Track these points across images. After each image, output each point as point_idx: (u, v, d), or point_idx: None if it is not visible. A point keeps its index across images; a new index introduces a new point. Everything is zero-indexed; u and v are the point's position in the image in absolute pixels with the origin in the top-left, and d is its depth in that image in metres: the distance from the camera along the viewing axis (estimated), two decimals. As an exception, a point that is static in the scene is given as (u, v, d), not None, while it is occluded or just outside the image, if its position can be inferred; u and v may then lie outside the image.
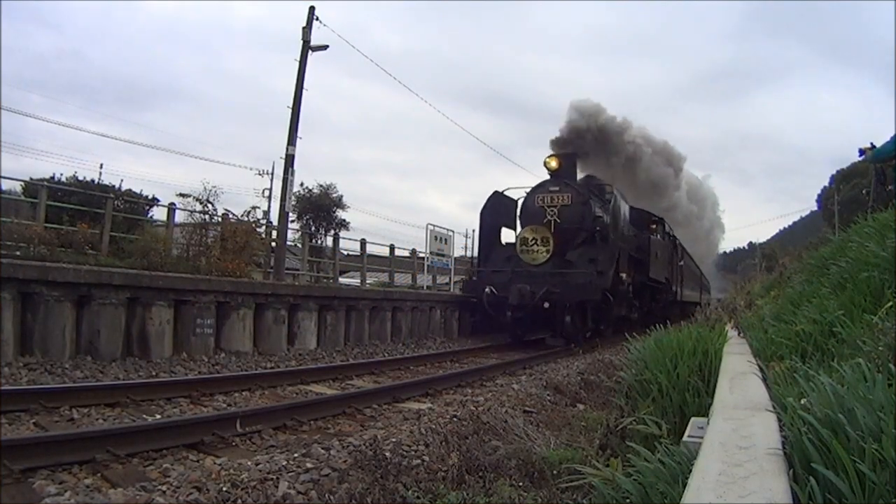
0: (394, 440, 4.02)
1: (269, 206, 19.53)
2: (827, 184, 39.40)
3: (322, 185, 19.42)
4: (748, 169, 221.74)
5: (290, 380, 6.68)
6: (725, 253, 56.76)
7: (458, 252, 17.28)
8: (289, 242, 14.30)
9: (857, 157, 7.48)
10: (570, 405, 5.74)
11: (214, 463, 3.59)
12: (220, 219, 11.30)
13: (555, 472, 3.08)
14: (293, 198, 13.77)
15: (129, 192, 14.20)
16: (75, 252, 8.83)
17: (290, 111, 11.98)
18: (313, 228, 19.08)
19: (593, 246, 11.98)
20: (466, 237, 15.51)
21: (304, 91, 12.07)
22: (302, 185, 18.71)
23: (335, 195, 19.49)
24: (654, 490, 1.77)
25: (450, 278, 15.27)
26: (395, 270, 17.06)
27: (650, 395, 3.49)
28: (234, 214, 11.78)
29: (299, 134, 11.98)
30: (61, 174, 14.47)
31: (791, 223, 66.95)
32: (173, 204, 12.02)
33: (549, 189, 12.61)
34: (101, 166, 37.64)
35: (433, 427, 4.41)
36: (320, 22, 12.07)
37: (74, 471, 3.37)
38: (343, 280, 17.20)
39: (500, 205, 13.57)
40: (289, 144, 11.93)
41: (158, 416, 4.76)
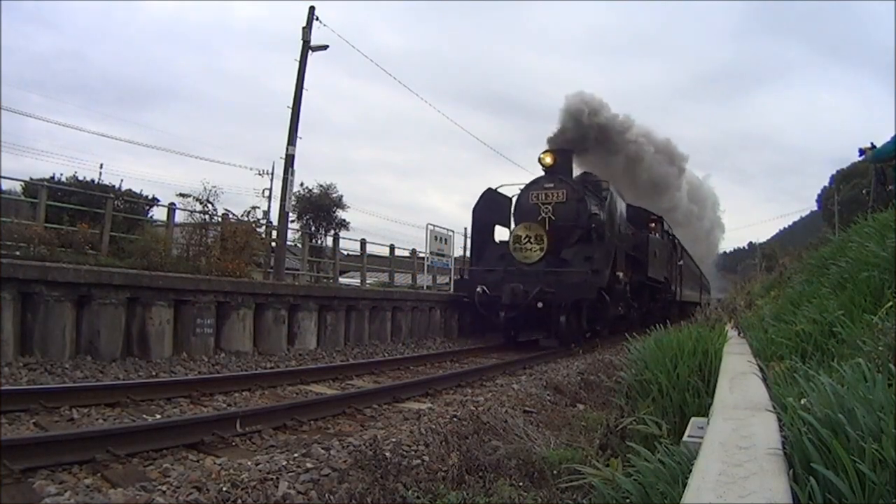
0: (394, 440, 4.02)
1: (269, 206, 19.53)
2: (827, 184, 39.43)
3: (322, 185, 19.48)
4: (748, 169, 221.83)
5: (290, 380, 6.68)
6: (725, 253, 56.81)
7: (458, 252, 17.24)
8: (289, 242, 14.30)
9: (857, 157, 7.49)
10: (570, 405, 5.74)
11: (214, 463, 3.59)
12: (220, 219, 11.31)
13: (555, 472, 3.08)
14: (293, 198, 13.78)
15: (129, 192, 14.22)
16: (75, 252, 8.84)
17: (290, 111, 11.99)
18: (313, 228, 19.10)
19: (589, 244, 11.70)
20: (466, 237, 15.50)
21: (304, 91, 12.11)
22: (302, 185, 18.78)
23: (335, 195, 19.54)
24: (654, 490, 1.77)
25: (450, 278, 15.28)
26: (395, 270, 17.07)
27: (650, 395, 3.49)
28: (234, 214, 11.81)
29: (299, 134, 12.01)
30: (61, 174, 14.52)
31: (791, 223, 67.00)
32: (173, 204, 12.04)
33: (543, 186, 12.34)
34: (101, 166, 37.73)
35: (433, 427, 4.41)
36: (320, 22, 12.10)
37: (74, 471, 3.37)
38: (343, 280, 17.20)
39: (494, 202, 13.30)
40: (289, 144, 11.94)
41: (158, 416, 4.76)
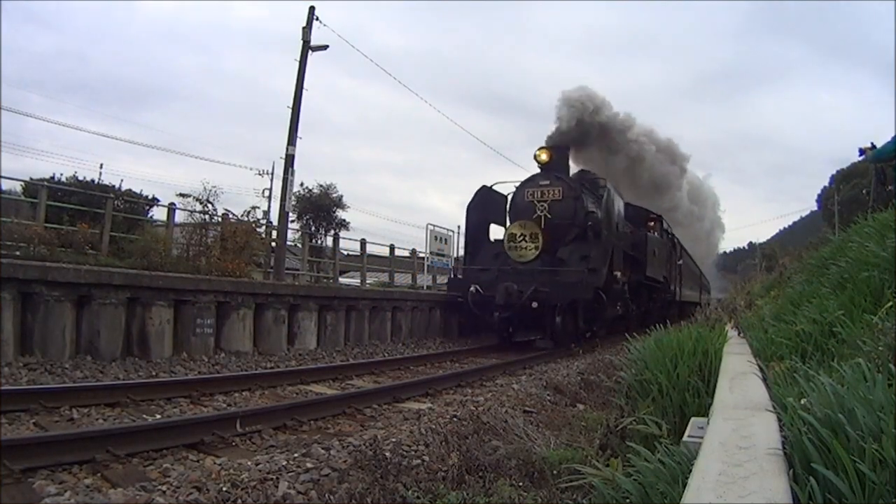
0: (394, 440, 4.02)
1: (269, 206, 19.55)
2: (827, 184, 39.42)
3: (322, 185, 19.51)
4: (748, 169, 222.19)
5: (290, 380, 6.67)
6: (725, 253, 56.86)
7: (459, 252, 17.23)
8: (289, 242, 14.31)
9: (857, 157, 7.50)
10: (570, 405, 5.74)
11: (214, 463, 3.59)
12: (220, 219, 11.32)
13: (555, 472, 3.08)
14: (293, 198, 13.79)
15: (129, 192, 14.22)
16: (75, 252, 8.84)
17: (290, 111, 12.00)
18: (313, 228, 19.11)
19: (585, 242, 11.41)
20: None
21: (304, 91, 12.12)
22: (302, 185, 18.80)
23: (335, 195, 19.57)
24: (654, 490, 1.77)
25: (449, 278, 15.30)
26: (395, 270, 17.07)
27: (650, 395, 3.49)
28: (234, 214, 11.82)
29: (299, 134, 12.03)
30: (61, 174, 14.52)
31: (791, 223, 67.01)
32: (173, 204, 12.06)
33: (538, 183, 12.07)
34: (101, 166, 37.72)
35: (433, 427, 4.40)
36: (320, 22, 12.11)
37: (74, 471, 3.37)
38: (343, 280, 17.21)
39: (489, 200, 13.04)
40: (289, 144, 11.95)
41: (158, 416, 4.76)
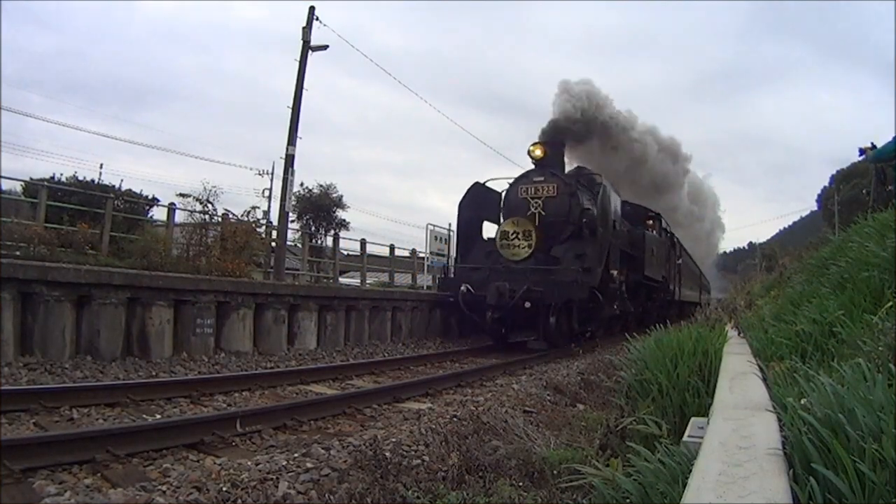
0: (394, 440, 4.02)
1: (269, 206, 19.56)
2: (827, 184, 39.46)
3: (322, 185, 19.50)
4: (748, 169, 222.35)
5: (290, 380, 6.67)
6: (725, 253, 56.91)
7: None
8: (289, 242, 14.30)
9: (857, 157, 7.51)
10: (570, 405, 5.74)
11: (214, 463, 3.59)
12: (220, 219, 11.32)
13: (555, 472, 3.08)
14: (293, 198, 13.78)
15: (129, 192, 14.23)
16: (75, 252, 8.84)
17: (290, 111, 11.99)
18: (313, 228, 19.11)
19: (580, 240, 11.07)
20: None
21: (304, 91, 12.11)
22: (302, 185, 18.79)
23: (335, 195, 19.57)
24: (654, 490, 1.77)
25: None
26: (395, 270, 17.07)
27: (650, 395, 3.50)
28: (234, 214, 11.82)
29: (299, 134, 12.01)
30: (61, 174, 14.53)
31: (791, 223, 67.02)
32: (173, 204, 12.05)
33: (533, 179, 11.70)
34: (101, 166, 37.83)
35: (433, 427, 4.40)
36: (320, 22, 12.10)
37: (74, 471, 3.37)
38: (343, 280, 17.21)
39: (482, 197, 12.72)
40: (289, 144, 11.94)
41: (158, 416, 4.75)
